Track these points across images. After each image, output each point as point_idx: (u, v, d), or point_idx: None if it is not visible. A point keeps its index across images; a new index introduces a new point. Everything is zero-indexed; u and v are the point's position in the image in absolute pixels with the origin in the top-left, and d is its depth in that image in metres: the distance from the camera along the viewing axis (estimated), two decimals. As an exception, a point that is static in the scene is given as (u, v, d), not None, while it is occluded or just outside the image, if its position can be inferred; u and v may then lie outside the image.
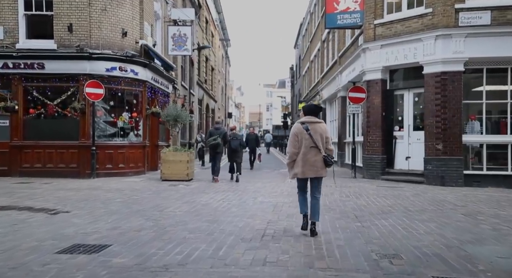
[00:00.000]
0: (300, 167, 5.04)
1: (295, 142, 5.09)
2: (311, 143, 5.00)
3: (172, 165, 11.58)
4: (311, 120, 5.13)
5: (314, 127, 5.06)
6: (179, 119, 11.79)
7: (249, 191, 9.65)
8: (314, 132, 5.02)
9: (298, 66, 39.82)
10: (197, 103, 25.86)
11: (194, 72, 24.22)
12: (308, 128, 5.01)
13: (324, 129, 5.14)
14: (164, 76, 15.39)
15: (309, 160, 5.00)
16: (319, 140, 5.03)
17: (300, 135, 5.07)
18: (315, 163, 5.00)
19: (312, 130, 5.02)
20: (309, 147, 5.01)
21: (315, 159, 5.00)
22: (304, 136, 5.03)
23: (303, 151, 5.03)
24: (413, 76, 12.18)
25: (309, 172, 5.04)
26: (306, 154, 5.01)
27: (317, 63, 25.83)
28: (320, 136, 5.05)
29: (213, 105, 34.33)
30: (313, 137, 4.99)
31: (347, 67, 15.59)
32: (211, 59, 32.00)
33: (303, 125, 5.07)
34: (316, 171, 5.04)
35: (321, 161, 5.01)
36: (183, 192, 9.29)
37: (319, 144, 5.00)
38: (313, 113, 5.23)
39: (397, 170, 12.42)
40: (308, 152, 5.02)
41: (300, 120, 5.25)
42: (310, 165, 5.00)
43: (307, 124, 5.06)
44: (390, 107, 12.58)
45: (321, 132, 5.08)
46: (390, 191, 9.82)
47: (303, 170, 5.03)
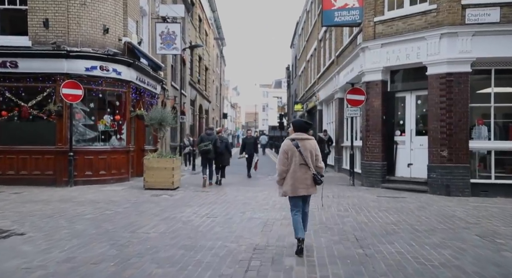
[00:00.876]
0: (289, 185, 4.89)
1: (284, 159, 4.93)
2: (301, 160, 4.87)
3: (156, 172, 10.71)
4: (301, 137, 4.97)
5: (304, 144, 4.92)
6: (164, 122, 10.91)
7: (238, 202, 8.80)
8: (304, 150, 4.88)
9: (294, 66, 39.01)
10: (189, 104, 24.99)
11: (186, 72, 23.34)
12: (298, 145, 4.87)
13: (314, 146, 5.01)
14: (151, 76, 14.50)
15: (299, 177, 4.87)
16: (309, 157, 4.90)
17: (290, 153, 4.91)
18: (305, 180, 4.88)
19: (302, 147, 4.89)
20: (299, 164, 4.87)
21: (305, 177, 4.88)
22: (294, 154, 4.89)
23: (293, 169, 4.89)
24: (415, 77, 11.37)
25: (300, 189, 4.89)
26: (296, 172, 4.88)
27: (313, 63, 25.01)
28: (310, 154, 4.92)
29: (207, 106, 33.45)
30: (303, 155, 4.86)
31: (345, 67, 14.77)
32: (204, 58, 31.12)
33: (293, 142, 4.91)
34: (307, 188, 4.91)
35: (311, 178, 4.90)
36: (164, 204, 8.42)
37: (309, 161, 4.88)
38: (303, 129, 5.06)
39: (398, 177, 11.61)
40: (298, 169, 4.87)
41: (290, 137, 5.06)
42: (300, 182, 4.87)
43: (297, 141, 4.91)
44: (391, 110, 11.76)
45: (311, 149, 4.94)
46: (392, 202, 8.99)
47: (293, 188, 4.88)
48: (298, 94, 33.69)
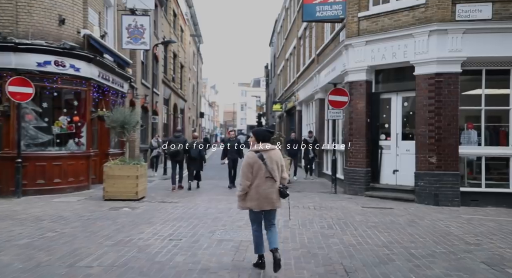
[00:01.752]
0: (255, 200, 4.59)
1: (248, 173, 4.59)
2: (267, 173, 4.57)
3: (117, 181, 9.54)
4: (266, 148, 4.64)
5: (270, 156, 4.62)
6: (127, 125, 9.74)
7: (209, 217, 7.76)
8: (269, 162, 4.59)
9: (273, 65, 38.14)
10: (163, 104, 23.71)
11: (159, 70, 22.05)
12: (263, 157, 4.57)
13: (279, 157, 4.72)
14: (117, 74, 13.26)
15: (264, 191, 4.56)
16: (275, 169, 4.61)
17: (255, 166, 4.57)
18: (270, 194, 4.58)
19: (268, 159, 4.59)
20: (265, 178, 4.57)
21: (271, 190, 4.58)
22: (260, 167, 4.57)
23: (257, 183, 4.58)
24: (402, 77, 10.60)
25: (265, 204, 4.60)
26: (261, 185, 4.56)
27: (292, 62, 24.16)
28: (276, 165, 4.63)
29: (183, 105, 32.15)
30: (268, 167, 4.56)
31: (326, 66, 13.92)
32: (180, 55, 29.81)
33: (257, 154, 4.60)
34: (273, 203, 4.62)
35: (276, 192, 4.61)
36: (122, 221, 7.30)
37: (275, 173, 4.60)
38: (266, 139, 4.73)
39: (383, 184, 10.82)
40: (263, 183, 4.57)
41: (253, 148, 4.71)
42: (265, 197, 4.57)
43: (262, 152, 4.61)
44: (376, 112, 10.96)
45: (276, 160, 4.65)
46: (379, 215, 8.15)
47: (258, 202, 4.58)
48: (277, 93, 32.83)
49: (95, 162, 11.87)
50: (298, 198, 10.42)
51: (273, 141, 14.40)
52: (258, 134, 4.73)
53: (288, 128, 25.51)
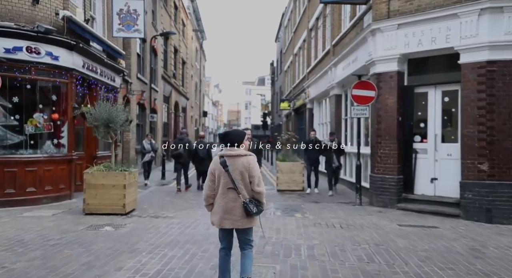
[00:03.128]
0: (216, 214, 3.88)
1: (210, 181, 3.92)
2: (229, 182, 3.81)
3: (101, 191, 7.89)
4: (230, 153, 3.87)
5: (234, 163, 3.83)
6: (112, 124, 8.06)
7: (211, 241, 6.08)
8: (233, 169, 3.81)
9: (279, 61, 36.42)
10: (163, 101, 22.08)
11: (158, 64, 20.42)
12: (225, 164, 3.82)
13: (246, 166, 3.83)
14: (107, 65, 11.61)
15: (226, 205, 3.81)
16: (239, 180, 3.81)
17: (217, 173, 3.87)
18: (233, 209, 3.80)
19: (231, 166, 3.81)
20: (226, 189, 3.83)
21: (234, 205, 3.80)
22: (222, 175, 3.83)
23: (220, 193, 3.86)
24: (443, 67, 8.89)
25: (226, 221, 3.83)
26: (223, 197, 3.84)
27: (302, 57, 22.45)
28: (240, 175, 3.81)
29: (184, 103, 30.54)
30: (231, 176, 3.79)
31: (346, 57, 12.20)
32: (181, 51, 28.19)
33: (221, 159, 3.87)
34: (235, 220, 3.81)
35: (240, 207, 3.78)
36: (99, 248, 5.62)
37: (238, 184, 3.80)
38: (231, 143, 3.92)
39: (419, 195, 9.09)
40: (225, 194, 3.83)
41: (219, 153, 3.97)
42: (227, 212, 3.81)
43: (226, 158, 3.86)
44: (409, 110, 9.24)
45: (242, 169, 3.82)
46: (426, 238, 6.43)
47: (219, 217, 3.85)
48: (284, 91, 31.12)
49: (80, 166, 10.22)
50: (317, 211, 8.74)
51: (285, 142, 12.75)
52: (224, 136, 3.98)
53: (297, 128, 23.80)
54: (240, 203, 3.77)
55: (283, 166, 11.96)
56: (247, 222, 3.82)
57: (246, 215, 3.77)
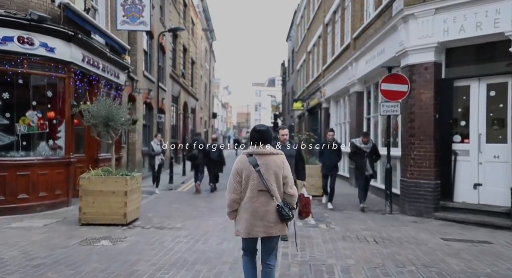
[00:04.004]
0: (243, 221, 3.36)
1: (236, 183, 3.39)
2: (261, 185, 3.33)
3: (99, 198, 6.94)
4: (262, 151, 3.40)
5: (266, 162, 3.37)
6: (112, 123, 7.12)
7: (225, 260, 5.08)
8: (265, 170, 3.35)
9: (291, 61, 35.39)
10: (171, 101, 21.20)
11: (166, 63, 19.54)
12: (256, 163, 3.34)
13: (280, 165, 3.41)
14: (110, 60, 10.71)
15: (257, 210, 3.34)
16: (273, 181, 3.36)
17: (245, 174, 3.37)
18: (265, 215, 3.34)
19: (263, 166, 3.35)
20: (257, 191, 3.35)
21: (266, 209, 3.34)
22: (251, 175, 3.35)
23: (248, 196, 3.36)
24: (489, 57, 7.79)
25: (257, 228, 3.33)
26: (252, 201, 3.34)
27: (316, 54, 21.40)
28: (274, 176, 3.37)
29: (194, 104, 29.65)
30: (263, 177, 3.33)
31: (369, 50, 11.13)
32: (191, 50, 27.32)
33: (250, 158, 3.38)
34: (267, 227, 3.33)
35: (274, 212, 3.34)
36: (90, 270, 4.65)
37: (272, 186, 3.34)
38: (264, 140, 3.44)
39: (459, 203, 7.99)
40: (255, 198, 3.35)
41: (246, 151, 3.46)
42: (259, 218, 3.33)
43: (256, 156, 3.38)
44: (447, 106, 8.14)
45: (275, 169, 3.38)
46: (482, 258, 5.35)
47: (248, 225, 3.33)
48: (296, 91, 30.06)
49: (80, 170, 9.26)
50: (344, 221, 7.69)
51: (302, 143, 11.71)
52: (252, 134, 3.50)
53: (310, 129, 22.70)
54: (274, 207, 3.35)
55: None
56: (282, 229, 3.41)
57: (281, 220, 3.36)
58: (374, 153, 8.84)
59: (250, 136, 3.52)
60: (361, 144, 8.81)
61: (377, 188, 10.68)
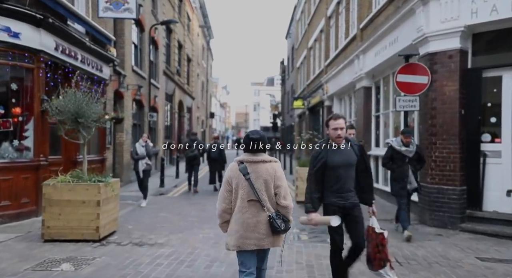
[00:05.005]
0: (234, 233, 3.16)
1: (226, 192, 3.24)
2: (251, 194, 3.16)
3: (66, 209, 5.83)
4: (252, 158, 3.23)
5: (257, 170, 3.20)
6: (82, 119, 6.00)
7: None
8: (255, 178, 3.18)
9: (290, 58, 34.31)
10: (165, 99, 20.08)
11: (159, 58, 18.42)
12: (247, 171, 3.19)
13: (272, 173, 3.19)
14: (91, 51, 9.60)
15: (247, 221, 3.14)
16: (263, 190, 3.16)
17: (234, 182, 3.21)
18: (256, 226, 3.14)
19: (254, 174, 3.19)
20: (247, 201, 3.16)
21: (257, 220, 3.14)
22: (241, 184, 3.19)
23: (238, 206, 3.17)
24: (525, 42, 6.69)
25: (248, 240, 3.13)
26: (243, 212, 3.16)
27: (318, 50, 20.31)
28: (264, 185, 3.17)
29: (190, 103, 28.53)
30: (254, 186, 3.15)
31: (380, 40, 10.03)
32: (187, 47, 26.22)
33: (240, 165, 3.23)
34: (259, 239, 3.14)
35: (265, 223, 3.14)
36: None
37: (263, 195, 3.16)
38: (253, 147, 3.23)
39: (490, 212, 6.88)
40: (246, 208, 3.16)
41: (238, 158, 3.31)
42: (249, 229, 3.13)
43: (246, 164, 3.22)
44: (475, 100, 7.04)
45: (266, 177, 3.18)
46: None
47: (239, 237, 3.13)
48: (296, 90, 28.97)
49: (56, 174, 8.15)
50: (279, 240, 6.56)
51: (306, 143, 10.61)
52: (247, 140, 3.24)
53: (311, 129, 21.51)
54: (265, 218, 3.16)
55: (304, 172, 9.77)
56: (274, 241, 3.20)
57: (272, 232, 3.15)
58: (418, 158, 6.52)
59: (244, 143, 3.28)
60: (401, 145, 6.41)
61: (385, 191, 9.57)
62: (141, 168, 9.36)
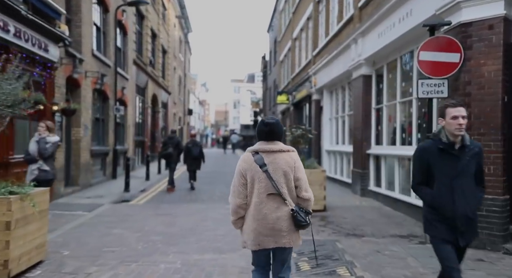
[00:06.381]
0: (251, 230, 2.88)
1: (240, 186, 2.91)
2: (270, 188, 2.85)
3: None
4: (270, 147, 2.91)
5: (275, 161, 2.88)
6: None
7: None
8: (274, 170, 2.86)
9: (272, 52, 32.62)
10: (136, 92, 18.04)
11: (128, 46, 16.37)
12: (263, 163, 2.86)
13: (291, 164, 2.90)
14: (32, 24, 7.61)
15: (266, 217, 2.85)
16: (283, 183, 2.87)
17: (250, 174, 2.88)
18: (276, 222, 2.84)
19: (271, 165, 2.86)
20: (266, 195, 2.86)
21: (277, 216, 2.84)
22: (257, 177, 2.86)
23: (255, 201, 2.87)
24: None
25: (267, 238, 2.85)
26: (260, 207, 2.85)
27: (305, 40, 18.66)
28: (284, 177, 2.87)
29: (165, 98, 26.48)
30: (272, 178, 2.85)
31: (386, 17, 8.41)
32: (162, 37, 24.19)
33: (256, 156, 2.89)
34: (280, 236, 2.85)
35: (287, 219, 2.85)
36: None
37: (282, 188, 2.87)
38: (273, 135, 2.93)
39: (542, 229, 5.32)
40: (263, 203, 2.86)
41: (252, 148, 2.96)
42: (268, 226, 2.84)
43: (262, 154, 2.88)
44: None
45: (285, 169, 2.88)
46: None
47: (257, 235, 2.85)
48: (279, 84, 27.31)
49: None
50: (371, 259, 4.96)
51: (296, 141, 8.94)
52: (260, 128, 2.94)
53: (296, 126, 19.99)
54: (287, 212, 2.83)
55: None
56: (297, 238, 2.91)
57: (297, 227, 2.85)
58: None
59: (258, 130, 2.97)
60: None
61: (395, 198, 7.95)
62: (30, 176, 5.90)
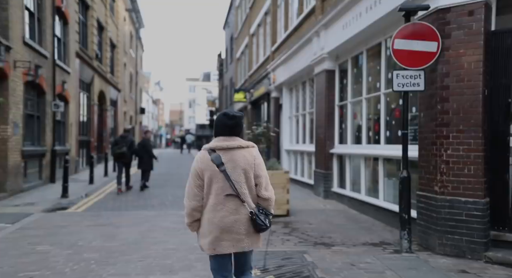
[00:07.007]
0: (208, 234, 2.65)
1: (196, 187, 2.66)
2: (227, 188, 2.61)
3: None
4: (227, 144, 2.65)
5: (233, 158, 2.64)
6: None
7: None
8: (232, 168, 2.63)
9: (229, 49, 31.75)
10: (79, 87, 16.47)
11: (70, 36, 14.84)
12: (221, 161, 2.61)
13: (251, 161, 2.66)
14: None
15: (224, 220, 2.61)
16: (242, 182, 2.63)
17: (207, 175, 2.64)
18: (234, 225, 2.61)
19: (230, 163, 2.62)
20: (223, 196, 2.62)
21: (235, 218, 2.61)
22: (215, 177, 2.62)
23: (212, 203, 2.63)
24: None
25: (224, 242, 2.63)
26: (218, 209, 2.62)
27: (262, 35, 17.99)
28: (244, 175, 2.64)
29: (115, 96, 24.81)
30: (231, 178, 2.61)
31: (352, 7, 7.83)
32: (110, 30, 22.57)
33: (212, 154, 2.64)
34: (237, 240, 2.64)
35: (246, 221, 2.63)
36: None
37: (241, 189, 2.63)
38: (237, 130, 2.71)
39: (524, 235, 4.90)
40: (221, 204, 2.62)
41: (208, 145, 2.70)
42: (226, 229, 2.61)
43: (220, 152, 2.64)
44: (505, 76, 5.02)
45: (245, 167, 2.64)
46: None
47: (213, 238, 2.63)
48: (236, 82, 26.51)
49: None
50: (343, 273, 4.25)
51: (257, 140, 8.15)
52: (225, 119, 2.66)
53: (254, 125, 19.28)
54: (246, 215, 2.61)
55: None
56: (255, 241, 2.68)
57: (255, 230, 2.63)
58: None
59: (219, 124, 2.67)
60: None
61: (345, 195, 7.38)
62: None
